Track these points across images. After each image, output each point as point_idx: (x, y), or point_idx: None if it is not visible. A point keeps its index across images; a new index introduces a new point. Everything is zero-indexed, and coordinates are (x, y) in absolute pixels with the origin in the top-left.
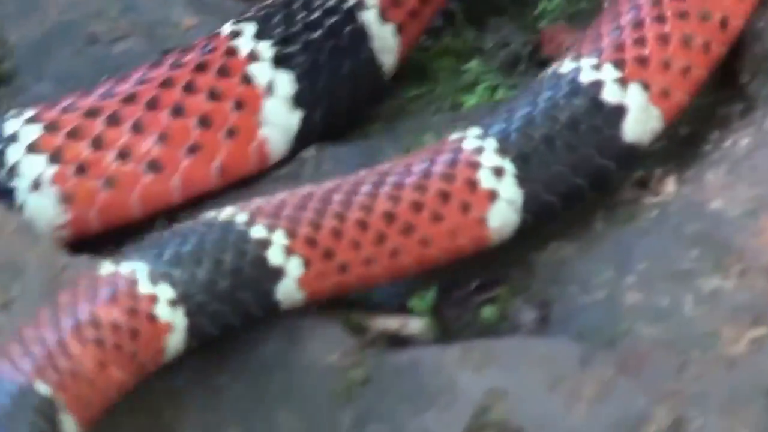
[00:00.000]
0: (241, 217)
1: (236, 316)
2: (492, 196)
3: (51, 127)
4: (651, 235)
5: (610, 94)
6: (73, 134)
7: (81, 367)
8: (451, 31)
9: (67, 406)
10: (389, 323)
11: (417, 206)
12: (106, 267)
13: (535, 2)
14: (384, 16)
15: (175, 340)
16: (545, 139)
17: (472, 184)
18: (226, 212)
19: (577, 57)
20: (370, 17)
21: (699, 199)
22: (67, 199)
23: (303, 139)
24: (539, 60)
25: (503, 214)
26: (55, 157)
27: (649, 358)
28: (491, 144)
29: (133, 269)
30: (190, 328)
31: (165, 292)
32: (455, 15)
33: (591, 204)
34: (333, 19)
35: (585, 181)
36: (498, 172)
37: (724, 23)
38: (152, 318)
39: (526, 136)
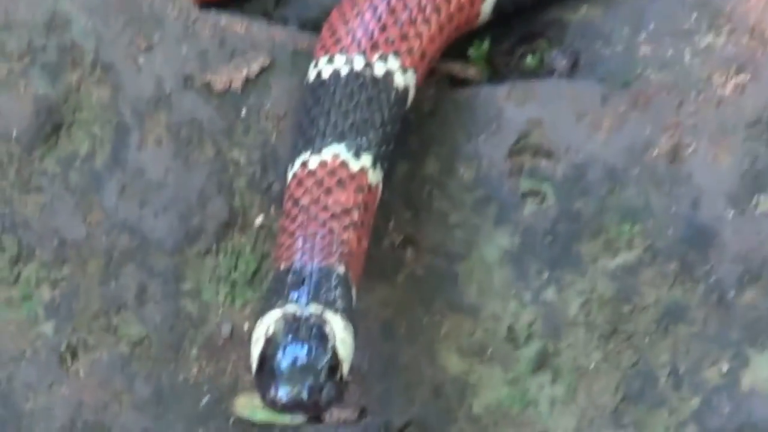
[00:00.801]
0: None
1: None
2: None
3: None
4: (660, 1)
5: None
6: None
7: (351, 247)
8: None
9: (352, 279)
10: (451, 67)
11: None
12: (314, 160)
13: None
14: None
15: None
16: None
17: None
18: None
19: None
20: None
21: None
22: None
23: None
24: None
25: None
26: None
27: (655, 97)
28: None
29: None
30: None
31: (367, 160)
32: None
33: None
34: None
35: None
36: None
37: None
38: (370, 187)
39: None
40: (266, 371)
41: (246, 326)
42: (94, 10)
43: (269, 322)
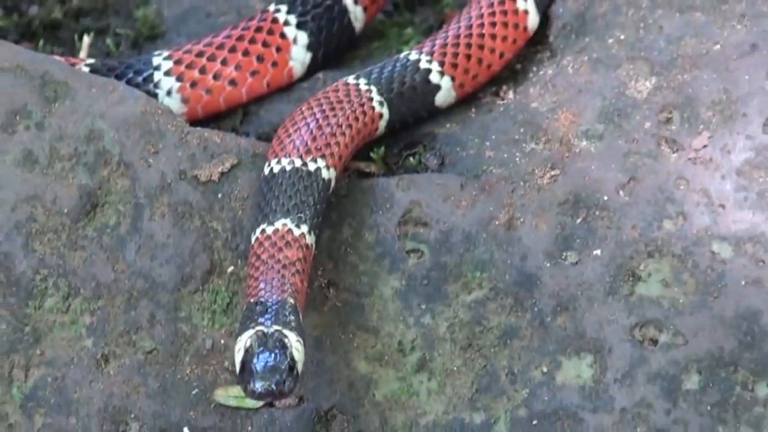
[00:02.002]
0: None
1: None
2: None
3: (177, 61)
4: (499, 120)
5: None
6: (188, 65)
7: (297, 286)
8: (396, 12)
9: (299, 307)
10: (359, 164)
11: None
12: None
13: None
14: (356, 2)
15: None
16: None
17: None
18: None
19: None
20: (350, 3)
21: (525, 102)
22: (185, 100)
23: (313, 69)
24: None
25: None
26: (179, 78)
27: (496, 185)
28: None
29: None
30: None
31: (305, 228)
32: (398, 3)
33: (468, 104)
34: (328, 3)
35: None
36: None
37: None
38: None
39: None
40: (246, 372)
41: (222, 341)
42: (119, 126)
43: (245, 339)
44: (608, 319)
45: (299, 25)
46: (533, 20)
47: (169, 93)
